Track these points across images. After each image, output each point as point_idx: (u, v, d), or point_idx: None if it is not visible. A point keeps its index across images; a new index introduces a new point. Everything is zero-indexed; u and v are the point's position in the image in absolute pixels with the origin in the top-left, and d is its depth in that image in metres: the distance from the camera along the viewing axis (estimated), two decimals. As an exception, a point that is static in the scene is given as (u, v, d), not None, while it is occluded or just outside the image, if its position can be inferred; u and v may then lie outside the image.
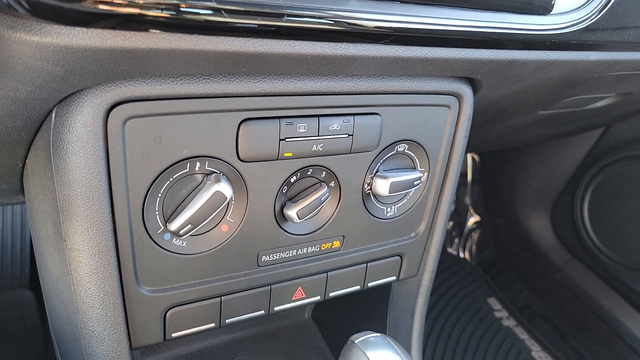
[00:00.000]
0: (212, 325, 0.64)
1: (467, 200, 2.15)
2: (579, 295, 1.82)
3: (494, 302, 1.97)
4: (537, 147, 1.88)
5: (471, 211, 2.14)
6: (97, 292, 0.53)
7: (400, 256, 0.77)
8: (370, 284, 0.76)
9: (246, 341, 0.96)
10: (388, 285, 0.86)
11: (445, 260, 2.09)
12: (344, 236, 0.70)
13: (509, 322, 1.90)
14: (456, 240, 2.15)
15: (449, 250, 2.17)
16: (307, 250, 0.67)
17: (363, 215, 0.70)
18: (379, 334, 0.55)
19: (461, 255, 2.16)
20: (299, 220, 0.62)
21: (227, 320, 0.65)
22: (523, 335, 1.86)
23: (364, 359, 0.51)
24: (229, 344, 0.95)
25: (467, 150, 2.07)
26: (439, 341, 1.77)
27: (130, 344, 0.59)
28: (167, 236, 0.56)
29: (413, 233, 0.77)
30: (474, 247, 2.14)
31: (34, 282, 1.45)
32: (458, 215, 2.14)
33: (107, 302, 0.54)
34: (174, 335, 0.61)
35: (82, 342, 0.57)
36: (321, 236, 0.68)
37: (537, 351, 1.81)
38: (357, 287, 0.75)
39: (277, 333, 0.99)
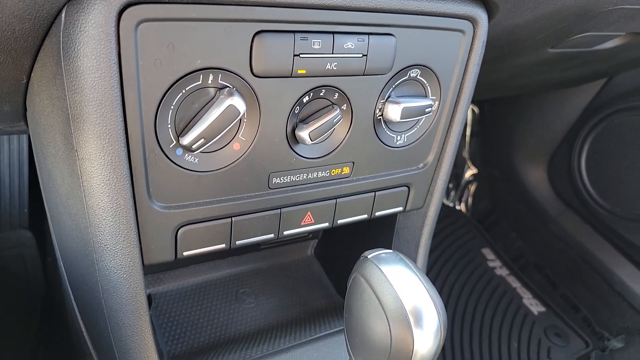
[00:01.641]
0: (223, 245, 0.64)
1: (465, 153, 2.16)
2: (572, 246, 1.86)
3: (487, 252, 2.01)
4: (538, 99, 1.87)
5: (469, 163, 2.15)
6: (109, 204, 0.53)
7: (407, 186, 0.77)
8: (377, 214, 0.77)
9: (249, 275, 0.97)
10: (393, 220, 0.87)
11: (441, 211, 2.12)
12: (353, 163, 0.69)
13: (502, 271, 1.95)
14: (453, 192, 2.16)
15: (445, 202, 2.19)
16: (317, 175, 0.67)
17: (373, 142, 0.69)
18: (391, 251, 0.55)
19: (457, 207, 2.19)
20: (310, 142, 0.62)
21: (237, 242, 0.65)
22: (515, 283, 1.91)
23: (377, 271, 0.52)
24: (232, 277, 0.96)
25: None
26: (434, 288, 1.79)
27: (143, 260, 0.59)
28: (179, 151, 0.56)
29: (421, 164, 0.77)
30: (470, 199, 2.16)
31: (33, 223, 1.45)
32: (455, 168, 2.15)
33: (119, 215, 0.54)
34: (185, 254, 0.62)
35: (95, 256, 0.57)
36: (331, 161, 0.67)
37: (528, 299, 1.86)
38: (365, 216, 0.76)
39: (280, 269, 1.00)
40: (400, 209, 0.79)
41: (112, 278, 0.58)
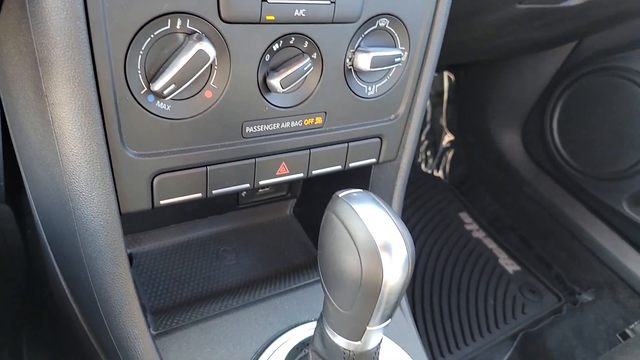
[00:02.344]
0: (200, 195, 0.65)
1: (442, 120, 2.18)
2: (545, 207, 1.91)
3: (465, 216, 2.06)
4: (511, 64, 1.90)
5: (445, 130, 2.18)
6: (82, 150, 0.54)
7: (380, 138, 0.79)
8: (351, 165, 0.78)
9: (229, 235, 0.99)
10: (367, 174, 0.89)
11: (420, 179, 2.16)
12: (326, 113, 0.71)
13: (479, 234, 2.00)
14: (430, 159, 2.20)
15: (424, 169, 2.23)
16: (290, 125, 0.68)
17: (345, 92, 0.70)
18: (362, 190, 0.57)
19: (435, 173, 2.22)
20: (281, 90, 0.63)
21: (213, 191, 0.66)
22: (491, 245, 1.96)
23: (348, 208, 0.54)
24: (212, 236, 0.97)
25: (443, 68, 2.08)
26: (413, 251, 1.83)
27: (120, 209, 0.60)
28: (151, 98, 0.56)
29: (393, 115, 0.79)
30: (447, 166, 2.20)
31: (10, 197, 1.43)
32: (433, 135, 2.18)
33: (93, 161, 0.54)
34: (162, 202, 0.63)
35: (71, 205, 0.58)
36: (304, 111, 0.68)
37: (503, 259, 1.92)
38: (339, 167, 0.77)
39: (260, 228, 1.02)
40: (374, 160, 0.81)
41: (89, 226, 0.58)
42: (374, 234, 0.52)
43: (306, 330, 0.77)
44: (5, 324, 1.25)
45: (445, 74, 2.09)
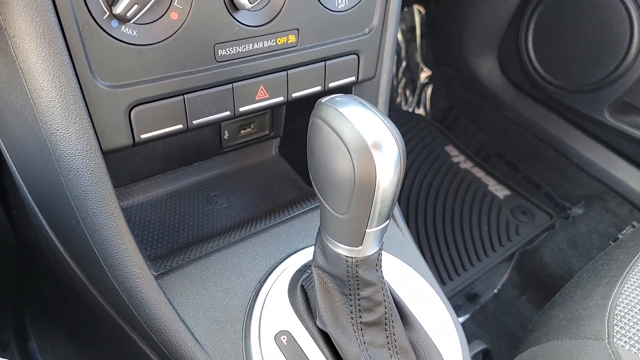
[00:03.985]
0: (180, 126, 0.64)
1: (417, 56, 2.16)
2: (528, 128, 1.92)
3: (451, 149, 2.07)
4: (480, -11, 1.87)
5: (422, 66, 2.16)
6: (52, 83, 0.51)
7: (356, 54, 0.78)
8: (330, 85, 0.77)
9: (217, 180, 0.98)
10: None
11: (402, 118, 2.15)
12: (298, 30, 0.69)
13: (467, 165, 2.01)
14: (410, 97, 2.18)
15: (405, 107, 2.22)
16: (263, 45, 0.66)
17: (314, 6, 0.68)
18: (346, 94, 0.56)
19: (417, 111, 2.21)
20: (250, 6, 0.60)
21: (194, 122, 0.65)
22: (479, 173, 1.98)
23: (333, 111, 0.53)
24: (201, 183, 0.96)
25: (412, 1, 2.04)
26: (402, 190, 1.85)
27: (101, 146, 0.58)
28: (115, 23, 0.54)
29: (367, 29, 0.77)
30: (428, 102, 2.19)
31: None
32: (409, 72, 2.16)
33: (65, 94, 0.52)
34: (143, 136, 0.61)
35: (49, 147, 0.56)
36: (275, 29, 0.66)
37: (493, 185, 1.94)
38: (319, 88, 0.76)
39: (248, 170, 1.01)
40: (353, 79, 0.79)
41: (72, 166, 0.57)
42: (363, 132, 0.51)
43: (306, 255, 0.77)
44: (4, 304, 1.24)
45: (416, 7, 2.05)
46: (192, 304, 0.69)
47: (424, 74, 2.16)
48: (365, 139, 0.50)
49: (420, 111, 2.21)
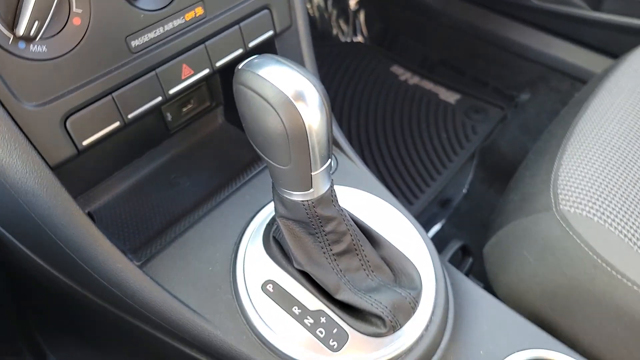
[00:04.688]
0: (118, 124, 0.66)
1: (342, -15, 2.14)
2: (464, 30, 1.96)
3: (396, 69, 2.10)
4: None
5: (349, -7, 2.15)
6: (-21, 118, 0.53)
7: (267, 8, 0.79)
8: (251, 44, 0.79)
9: (173, 162, 1.00)
10: (272, 50, 0.90)
11: (342, 50, 2.16)
12: (203, 1, 0.70)
13: (414, 80, 2.06)
14: (345, 27, 2.18)
15: (342, 39, 2.22)
16: (173, 25, 0.68)
17: (212, -27, 0.70)
18: (261, 55, 0.58)
19: (355, 40, 2.22)
20: (147, -9, 0.62)
21: (129, 116, 0.67)
22: (428, 85, 2.03)
23: (250, 74, 0.55)
24: (159, 169, 0.99)
25: None
26: (351, 118, 1.89)
27: (47, 163, 0.61)
28: (22, 45, 0.55)
29: (271, -20, 0.78)
30: (363, 28, 2.19)
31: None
32: (339, 3, 2.15)
33: (-4, 125, 0.55)
34: (84, 143, 0.64)
35: (0, 178, 0.58)
36: (180, 5, 0.68)
37: (443, 93, 2.00)
38: (240, 50, 0.78)
39: (200, 145, 1.04)
40: (271, 32, 0.82)
41: (27, 189, 0.59)
42: (283, 88, 0.54)
43: (271, 208, 0.82)
44: (11, 330, 1.28)
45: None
46: (180, 280, 0.74)
47: (353, 1, 2.15)
48: (286, 94, 0.54)
49: (359, 38, 2.22)
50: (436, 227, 1.65)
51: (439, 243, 1.55)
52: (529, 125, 1.76)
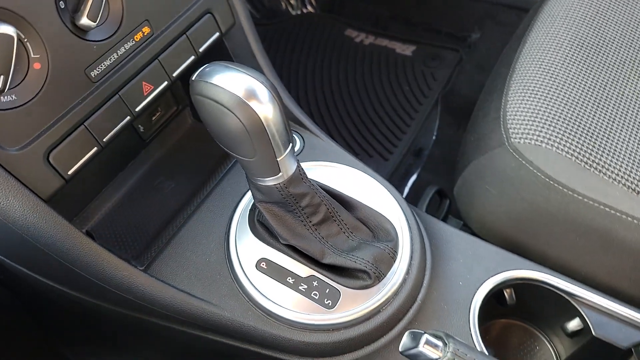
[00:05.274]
0: (95, 149, 0.73)
1: (282, -42, 2.15)
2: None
3: (350, 32, 2.14)
4: None
5: (290, -34, 2.16)
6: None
7: (210, 12, 0.84)
8: (201, 49, 0.85)
9: (155, 168, 1.06)
10: (224, 49, 0.95)
11: (295, 24, 2.19)
12: (148, 20, 0.75)
13: (369, 39, 2.10)
14: (293, 0, 2.21)
15: (293, 13, 2.25)
16: (125, 48, 0.73)
17: (151, -8, 0.75)
18: (208, 63, 0.64)
19: (305, 11, 2.25)
20: (94, 24, 0.67)
21: (104, 139, 0.74)
22: (384, 42, 2.08)
23: (204, 84, 0.62)
24: (142, 178, 1.05)
25: None
26: (316, 90, 1.94)
27: (41, 197, 0.67)
28: (-7, 98, 0.61)
29: (206, -14, 0.83)
30: (311, -3, 2.22)
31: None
32: (282, -22, 2.16)
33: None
34: (69, 173, 0.70)
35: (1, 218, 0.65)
36: (128, 29, 0.73)
37: (399, 47, 2.05)
38: (192, 57, 0.84)
39: (176, 148, 1.10)
40: (217, 34, 0.87)
41: (28, 224, 0.66)
42: (234, 90, 0.61)
43: (251, 195, 0.90)
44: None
45: None
46: (183, 275, 0.82)
47: (295, -27, 2.17)
48: (238, 95, 0.60)
49: (309, 9, 2.25)
50: (413, 177, 1.74)
51: (418, 191, 1.64)
52: (483, 64, 1.83)
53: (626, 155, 0.93)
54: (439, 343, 0.61)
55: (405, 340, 0.63)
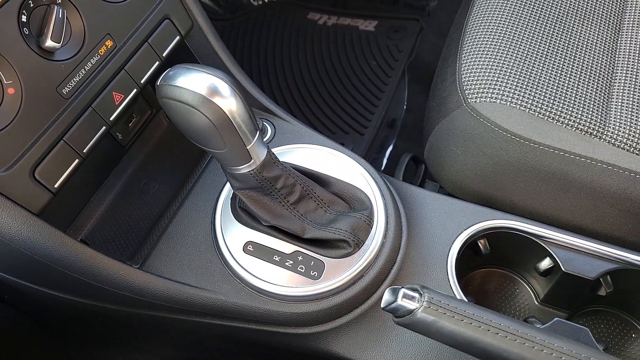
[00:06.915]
0: (77, 160, 0.77)
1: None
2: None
3: (313, 15, 2.17)
4: None
5: (245, -43, 2.18)
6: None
7: (167, 18, 0.89)
8: (164, 54, 0.89)
9: (139, 172, 1.11)
10: (187, 51, 0.99)
11: (259, 15, 2.21)
12: (110, 34, 0.80)
13: (332, 20, 2.14)
14: (250, -9, 2.23)
15: (255, 3, 2.27)
16: (92, 63, 0.78)
17: (105, 8, 0.79)
18: (173, 67, 0.68)
19: (267, 0, 2.27)
20: (59, 45, 0.71)
21: (84, 150, 0.78)
22: (346, 21, 2.11)
23: (169, 88, 0.66)
24: (127, 182, 1.09)
25: None
26: (287, 77, 1.98)
27: (32, 212, 0.72)
28: (-26, 126, 0.65)
29: (160, -6, 0.87)
30: (269, -15, 2.24)
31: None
32: (238, -30, 2.18)
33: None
34: (56, 186, 0.75)
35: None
36: (91, 46, 0.77)
37: (362, 24, 2.09)
38: (157, 62, 0.88)
39: (156, 149, 1.14)
40: (178, 37, 0.91)
41: (24, 239, 0.71)
42: (196, 89, 0.66)
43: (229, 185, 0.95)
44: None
45: None
46: (176, 267, 0.87)
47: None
48: (201, 94, 0.65)
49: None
50: (390, 148, 1.80)
51: (396, 161, 1.69)
52: (442, 30, 1.87)
53: (576, 100, 0.99)
54: (415, 295, 0.67)
55: (385, 296, 0.69)
